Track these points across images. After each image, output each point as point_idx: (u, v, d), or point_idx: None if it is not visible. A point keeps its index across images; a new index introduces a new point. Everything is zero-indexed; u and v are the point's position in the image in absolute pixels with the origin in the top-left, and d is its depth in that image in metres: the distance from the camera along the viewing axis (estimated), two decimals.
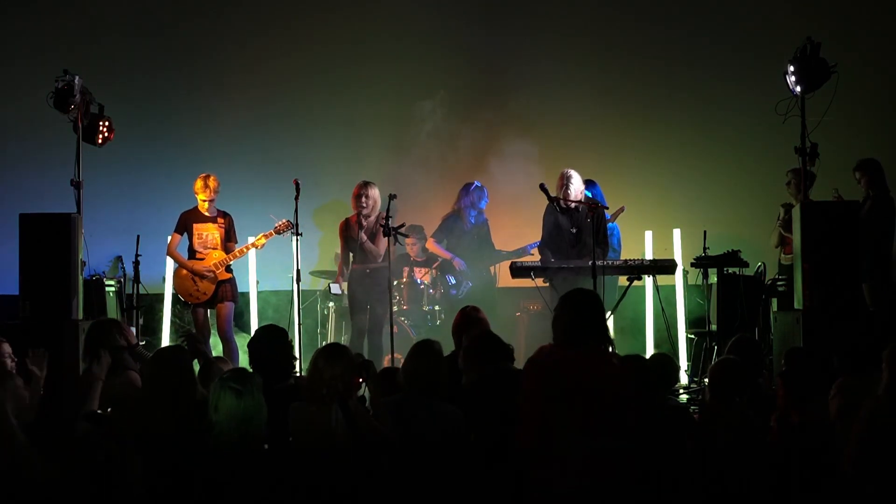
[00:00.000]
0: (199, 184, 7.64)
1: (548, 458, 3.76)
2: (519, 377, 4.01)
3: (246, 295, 8.63)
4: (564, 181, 7.46)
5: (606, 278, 7.23)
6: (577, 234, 7.45)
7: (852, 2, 9.56)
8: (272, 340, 4.70)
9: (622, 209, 8.12)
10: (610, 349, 4.08)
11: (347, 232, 7.71)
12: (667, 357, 4.78)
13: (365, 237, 7.57)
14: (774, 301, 7.90)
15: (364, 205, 7.58)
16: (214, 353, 7.28)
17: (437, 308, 8.19)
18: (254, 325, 8.85)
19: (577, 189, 7.45)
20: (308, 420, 4.12)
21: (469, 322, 5.22)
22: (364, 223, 7.60)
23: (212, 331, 7.76)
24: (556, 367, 3.80)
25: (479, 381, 4.50)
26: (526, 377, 3.87)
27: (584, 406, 3.75)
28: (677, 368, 4.31)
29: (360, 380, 4.26)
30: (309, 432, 4.11)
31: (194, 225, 7.67)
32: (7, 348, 4.86)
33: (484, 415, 4.31)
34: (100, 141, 7.19)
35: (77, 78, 6.86)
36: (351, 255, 7.77)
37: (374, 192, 7.64)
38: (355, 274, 7.71)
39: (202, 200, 7.64)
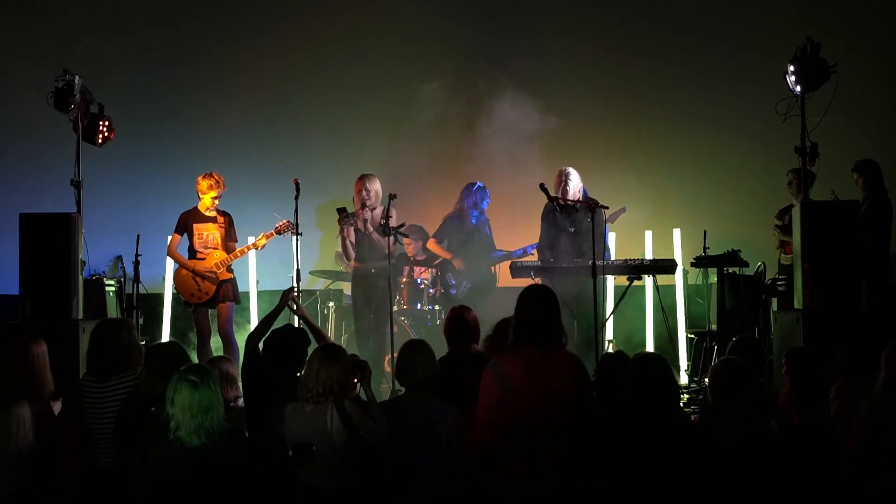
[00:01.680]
0: (206, 183, 7.59)
1: (503, 459, 3.77)
2: None
3: (246, 295, 8.64)
4: (563, 178, 7.49)
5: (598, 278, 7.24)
6: (576, 234, 7.45)
7: (852, 2, 9.56)
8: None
9: (623, 210, 8.10)
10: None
11: (356, 223, 7.73)
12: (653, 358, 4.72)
13: (372, 228, 7.60)
14: (774, 301, 7.90)
15: (366, 197, 7.62)
16: (215, 353, 7.31)
17: (437, 308, 8.20)
18: (253, 325, 8.85)
19: (575, 186, 7.48)
20: (304, 420, 4.13)
21: (461, 323, 5.22)
22: (370, 215, 7.64)
23: (212, 330, 7.77)
24: (512, 370, 3.82)
25: None
26: (483, 381, 3.88)
27: (540, 402, 3.77)
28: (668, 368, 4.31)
29: (356, 380, 4.27)
30: (306, 432, 4.12)
31: (194, 225, 7.67)
32: (42, 348, 4.81)
33: None
34: (100, 141, 7.18)
35: (77, 78, 6.86)
36: (353, 253, 7.80)
37: (374, 185, 7.69)
38: (359, 273, 7.76)
39: (213, 198, 7.62)
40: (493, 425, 3.80)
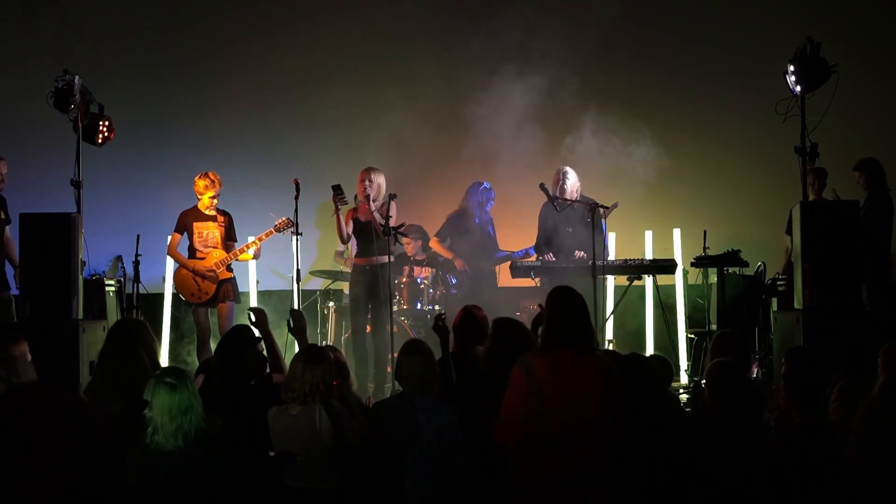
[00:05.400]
0: (203, 183, 7.62)
1: (532, 456, 3.77)
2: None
3: (246, 295, 8.63)
4: (561, 177, 7.52)
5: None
6: (574, 233, 7.46)
7: (852, 2, 9.55)
8: (243, 341, 4.74)
9: (616, 205, 8.07)
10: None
11: (355, 213, 7.61)
12: (663, 358, 4.77)
13: (375, 210, 7.45)
14: (774, 301, 7.90)
15: (369, 189, 7.50)
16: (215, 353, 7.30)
17: (437, 307, 8.19)
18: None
19: (573, 185, 7.51)
20: (291, 423, 4.13)
21: (471, 321, 5.22)
22: (373, 206, 7.48)
23: (212, 330, 7.77)
24: (543, 372, 3.82)
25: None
26: (513, 379, 3.88)
27: (570, 407, 3.77)
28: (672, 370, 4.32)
29: (335, 382, 4.27)
30: (294, 434, 4.12)
31: (194, 224, 7.68)
32: (24, 348, 4.84)
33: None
34: (100, 141, 7.18)
35: (77, 78, 6.85)
36: (352, 247, 7.72)
37: (379, 178, 7.57)
38: (358, 269, 7.67)
39: (211, 197, 7.63)
40: (520, 423, 3.79)
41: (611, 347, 8.23)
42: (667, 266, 7.53)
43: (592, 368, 3.90)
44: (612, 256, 8.31)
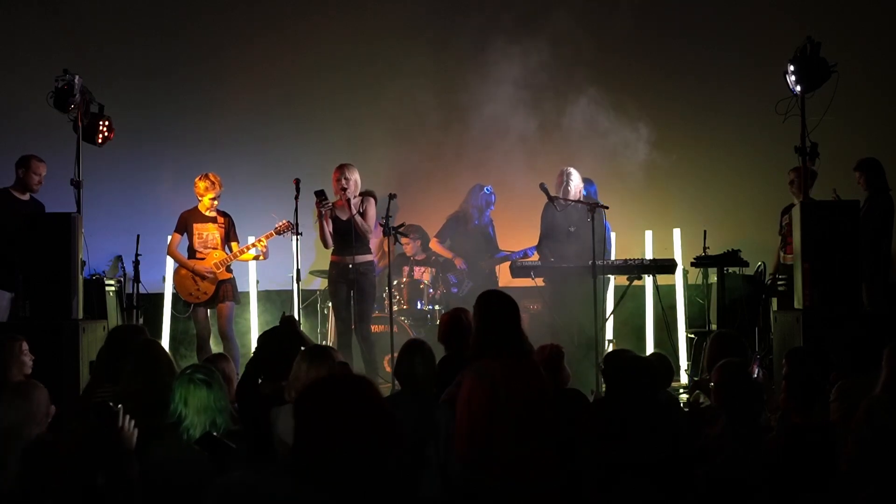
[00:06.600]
0: (203, 185, 7.62)
1: (488, 465, 3.79)
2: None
3: (246, 295, 8.63)
4: (564, 178, 7.51)
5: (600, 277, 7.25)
6: (576, 233, 7.46)
7: (852, 2, 9.55)
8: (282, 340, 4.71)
9: (606, 208, 8.06)
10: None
11: (334, 213, 7.51)
12: (664, 356, 4.78)
13: (356, 211, 7.38)
14: (774, 301, 7.90)
15: (345, 186, 7.39)
16: (215, 352, 7.29)
17: (437, 307, 8.19)
18: (253, 325, 8.88)
19: (576, 186, 7.50)
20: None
21: (459, 324, 5.22)
22: (351, 203, 7.37)
23: (212, 330, 7.77)
24: (496, 380, 3.84)
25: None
26: (471, 388, 3.88)
27: (521, 412, 3.79)
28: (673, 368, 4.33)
29: None
30: None
31: (194, 225, 7.69)
32: (24, 347, 4.84)
33: None
34: (100, 141, 7.18)
35: (77, 78, 6.86)
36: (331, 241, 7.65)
37: (354, 174, 7.44)
38: (335, 268, 7.53)
39: (211, 199, 7.63)
40: (486, 431, 3.79)
41: (611, 347, 8.24)
42: (667, 266, 7.52)
43: (534, 366, 3.99)
44: (613, 255, 8.29)
